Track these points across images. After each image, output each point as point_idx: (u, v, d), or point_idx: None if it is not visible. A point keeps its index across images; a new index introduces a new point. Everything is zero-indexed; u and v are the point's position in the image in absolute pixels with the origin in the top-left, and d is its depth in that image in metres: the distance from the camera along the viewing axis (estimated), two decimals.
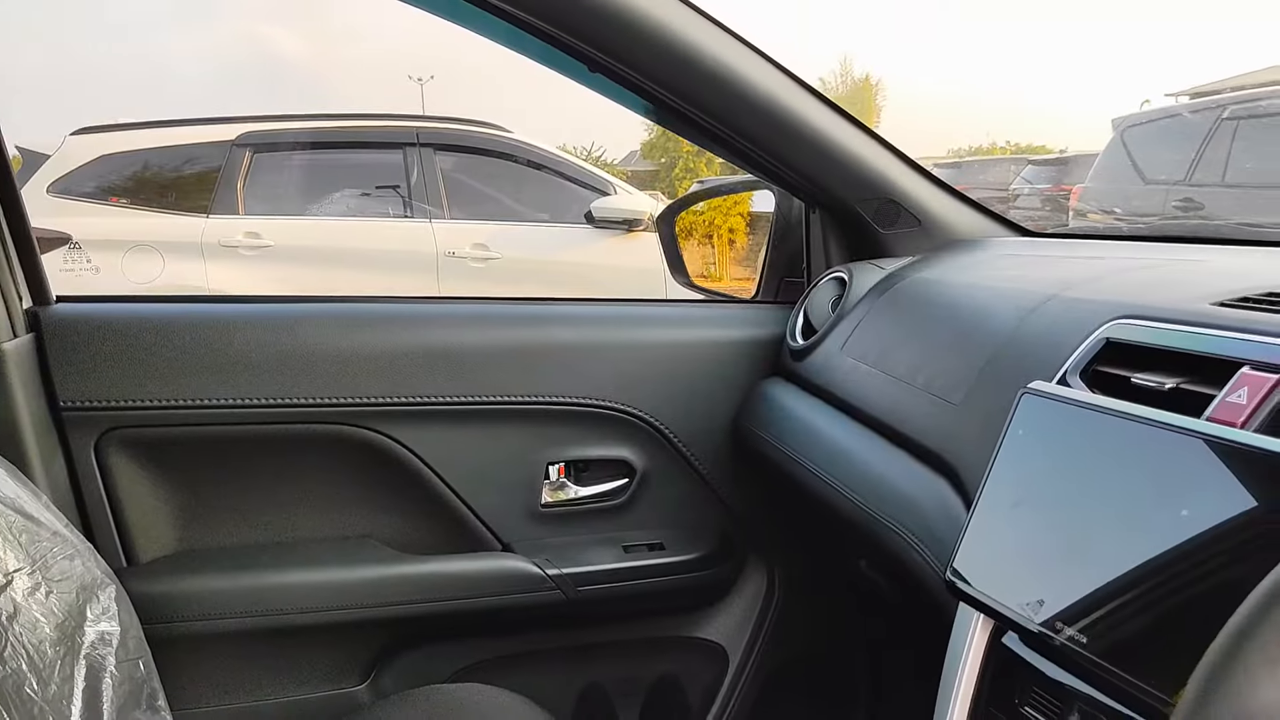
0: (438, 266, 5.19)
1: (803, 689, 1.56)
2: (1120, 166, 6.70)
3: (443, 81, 38.57)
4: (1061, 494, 0.75)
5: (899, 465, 1.04)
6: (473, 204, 5.46)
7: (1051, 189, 10.27)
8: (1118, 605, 0.67)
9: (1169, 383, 0.76)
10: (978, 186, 12.78)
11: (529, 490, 1.39)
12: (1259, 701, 0.44)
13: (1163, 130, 6.63)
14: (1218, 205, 5.73)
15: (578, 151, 19.04)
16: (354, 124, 5.42)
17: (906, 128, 47.04)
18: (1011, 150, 28.20)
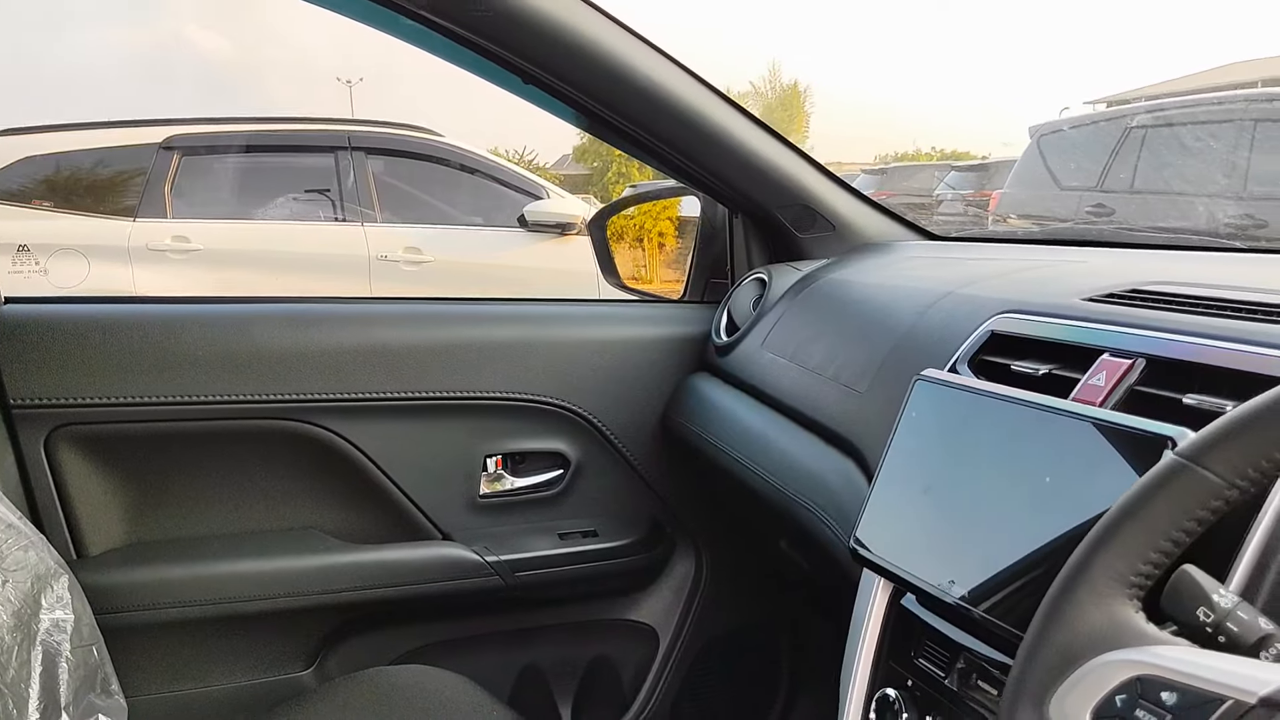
0: (369, 270, 5.19)
1: (729, 665, 1.65)
2: (1036, 173, 6.92)
3: (372, 84, 38.13)
4: (949, 468, 0.85)
5: (811, 449, 1.13)
6: (405, 207, 5.47)
7: (973, 194, 10.51)
8: (995, 563, 0.76)
9: (1042, 369, 0.86)
10: (903, 192, 13.05)
11: (468, 482, 1.46)
12: (1086, 626, 0.54)
13: (1076, 138, 6.86)
14: (1127, 210, 5.96)
15: (510, 155, 19.00)
16: (284, 127, 5.40)
17: (835, 134, 47.77)
18: (936, 156, 28.80)
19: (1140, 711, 0.49)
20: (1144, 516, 0.53)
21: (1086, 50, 69.78)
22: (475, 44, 1.23)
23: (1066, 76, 66.47)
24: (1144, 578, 0.54)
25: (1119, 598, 0.54)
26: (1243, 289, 0.85)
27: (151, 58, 36.40)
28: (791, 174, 1.45)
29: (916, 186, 13.23)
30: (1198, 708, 0.47)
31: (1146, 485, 0.54)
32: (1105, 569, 0.54)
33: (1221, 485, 0.51)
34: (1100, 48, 70.42)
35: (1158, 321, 0.81)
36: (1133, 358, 0.78)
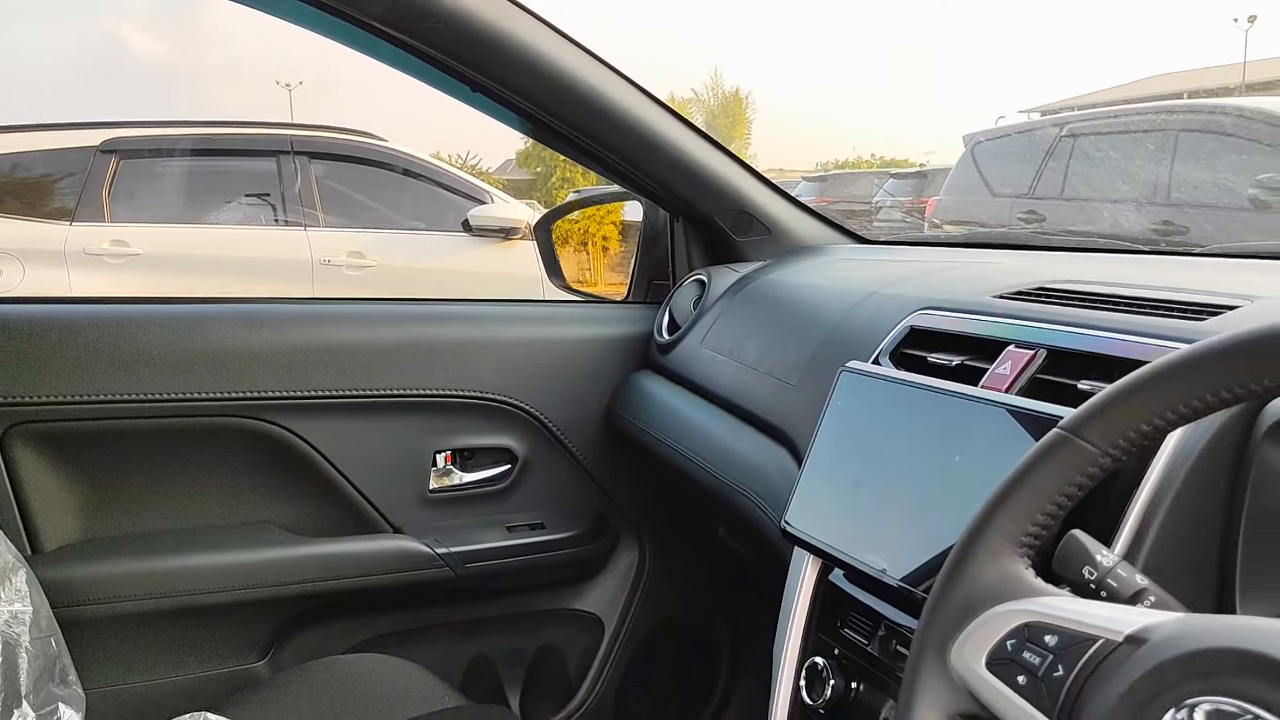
0: (313, 274, 5.18)
1: (672, 651, 1.71)
2: (971, 180, 7.08)
3: (312, 87, 37.68)
4: (871, 452, 0.92)
5: (748, 439, 1.20)
6: (348, 212, 5.46)
7: (911, 201, 10.70)
8: (911, 536, 0.83)
9: (956, 360, 0.93)
10: (844, 199, 13.25)
11: (418, 477, 1.50)
12: (982, 582, 0.61)
13: (1009, 146, 7.04)
14: (1057, 216, 6.13)
15: (453, 160, 18.95)
16: (226, 131, 5.37)
17: (777, 140, 48.27)
18: (876, 164, 29.25)
19: (1027, 654, 0.56)
20: (1031, 483, 0.60)
21: (1025, 60, 71.29)
22: (425, 54, 1.28)
23: (1005, 85, 67.82)
24: (1033, 538, 0.61)
25: (1011, 556, 0.61)
26: (1139, 286, 0.93)
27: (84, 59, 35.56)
28: (730, 180, 1.52)
29: (857, 193, 13.44)
30: (1074, 647, 0.54)
31: (1033, 456, 0.61)
32: (998, 531, 0.61)
33: (1096, 454, 0.58)
34: (1037, 57, 71.98)
35: (1058, 316, 0.89)
36: (1035, 349, 0.86)
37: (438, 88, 1.41)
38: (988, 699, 0.57)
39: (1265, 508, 0.69)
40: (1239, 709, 0.44)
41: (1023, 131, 7.55)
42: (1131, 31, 74.09)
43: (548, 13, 1.32)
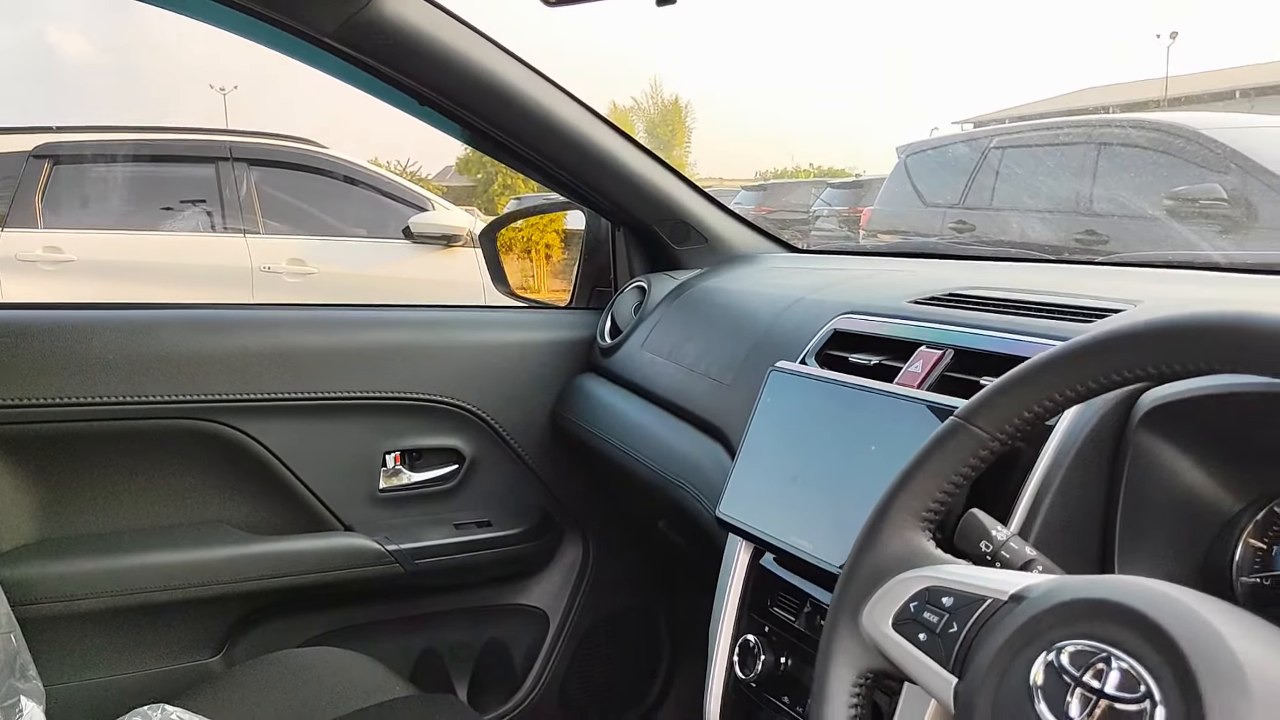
0: (252, 281, 5.15)
1: (614, 643, 1.78)
2: (904, 191, 7.23)
3: (247, 91, 37.14)
4: (798, 444, 1.00)
5: (685, 436, 1.28)
6: (288, 219, 5.44)
7: (848, 210, 10.86)
8: (832, 519, 0.91)
9: (874, 360, 1.02)
10: (782, 209, 13.42)
11: (368, 476, 1.55)
12: (889, 552, 0.69)
13: (940, 157, 7.22)
14: (986, 226, 6.30)
15: (391, 166, 18.86)
16: (164, 137, 5.32)
17: (716, 149, 48.66)
18: (814, 173, 29.63)
19: (927, 614, 0.63)
20: (930, 465, 0.68)
21: (959, 71, 72.76)
22: (374, 69, 1.34)
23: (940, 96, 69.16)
24: (933, 513, 0.69)
25: (914, 529, 0.69)
26: (1041, 293, 1.02)
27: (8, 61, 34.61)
28: (668, 192, 1.60)
29: (795, 202, 13.60)
30: (967, 606, 0.62)
31: (932, 441, 0.69)
32: (903, 507, 0.69)
33: (986, 438, 0.66)
34: (972, 69, 73.50)
35: (966, 319, 0.98)
36: (944, 349, 0.95)
37: (386, 101, 1.46)
38: (893, 655, 0.65)
39: (1139, 487, 0.78)
40: (1095, 649, 0.52)
41: (953, 143, 7.73)
42: (1062, 45, 76.08)
43: (489, 22, 1.38)
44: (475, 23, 1.34)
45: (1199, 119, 4.99)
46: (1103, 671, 0.51)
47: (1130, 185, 5.04)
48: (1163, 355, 0.58)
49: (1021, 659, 0.55)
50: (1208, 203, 4.33)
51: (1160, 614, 0.51)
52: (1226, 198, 4.28)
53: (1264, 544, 0.78)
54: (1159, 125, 5.08)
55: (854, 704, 0.67)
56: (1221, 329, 0.56)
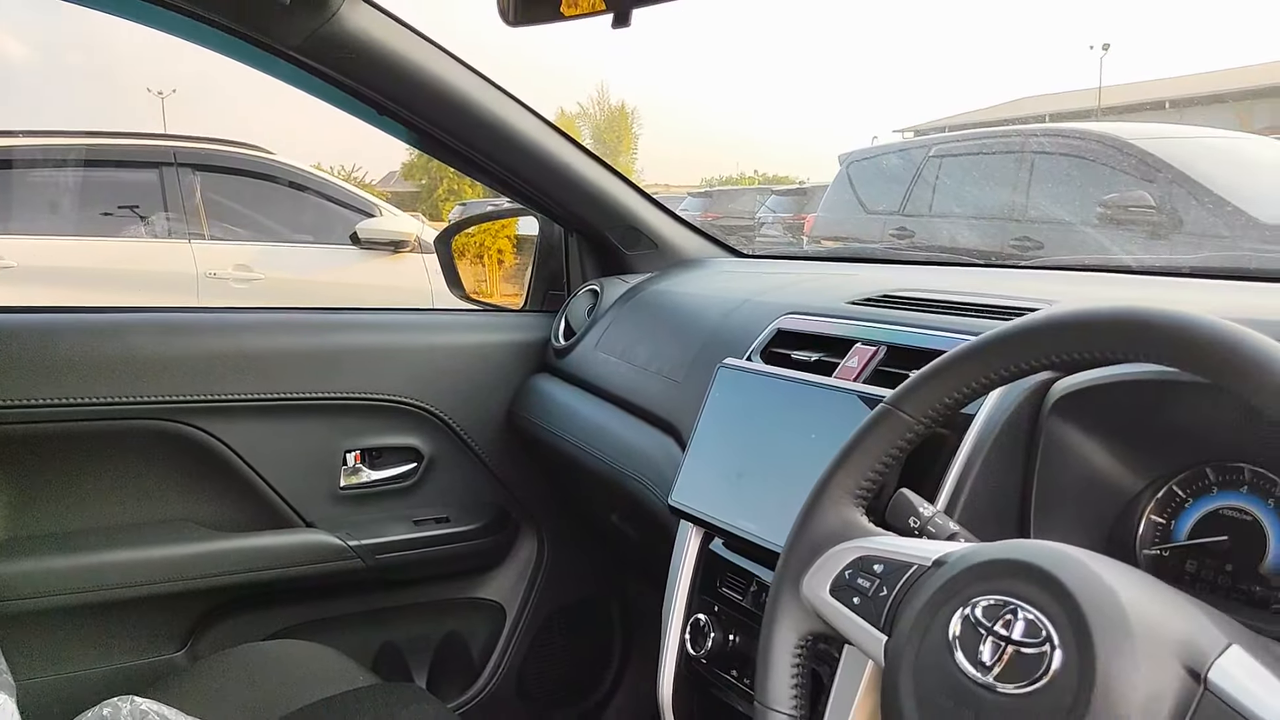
0: (198, 287, 5.12)
1: (569, 634, 1.84)
2: (845, 198, 7.36)
3: (186, 95, 36.54)
4: (744, 435, 1.07)
5: (638, 431, 1.34)
6: (234, 224, 5.41)
7: (792, 217, 11.00)
8: (776, 503, 0.98)
9: (814, 356, 1.09)
10: (727, 215, 13.55)
11: (329, 475, 1.60)
12: (826, 526, 0.76)
13: (880, 166, 7.37)
14: (926, 233, 6.45)
15: (334, 171, 18.74)
16: (105, 142, 5.26)
17: (663, 155, 48.87)
18: (759, 180, 29.95)
19: (860, 580, 0.71)
20: (862, 446, 0.76)
21: (901, 80, 73.83)
22: (336, 80, 1.39)
23: (883, 104, 70.13)
24: (866, 491, 0.76)
25: (849, 505, 0.76)
26: (967, 294, 1.11)
27: None
28: (620, 199, 1.67)
29: (740, 209, 13.74)
30: (895, 572, 0.69)
31: (864, 425, 0.76)
32: (839, 485, 0.76)
33: (912, 421, 0.74)
34: (913, 78, 74.65)
35: (898, 319, 1.06)
36: (877, 346, 1.03)
37: (347, 111, 1.51)
38: (830, 618, 0.72)
39: (1052, 469, 0.86)
40: (1004, 602, 0.59)
41: (893, 152, 7.89)
42: (1001, 55, 77.66)
43: (447, 35, 1.44)
44: (435, 37, 1.40)
45: (1128, 129, 5.17)
46: (1010, 622, 0.58)
47: (1063, 193, 5.18)
48: (1063, 346, 0.66)
49: (942, 615, 0.62)
50: (1137, 209, 4.47)
51: (1059, 570, 0.59)
52: (1154, 205, 4.41)
53: (1163, 519, 0.87)
54: (1090, 135, 5.23)
55: (796, 665, 0.74)
56: (1114, 322, 0.64)
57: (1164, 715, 0.52)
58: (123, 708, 1.20)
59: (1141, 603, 0.56)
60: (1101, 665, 0.54)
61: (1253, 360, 0.56)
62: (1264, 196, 4.08)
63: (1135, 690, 0.53)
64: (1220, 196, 4.19)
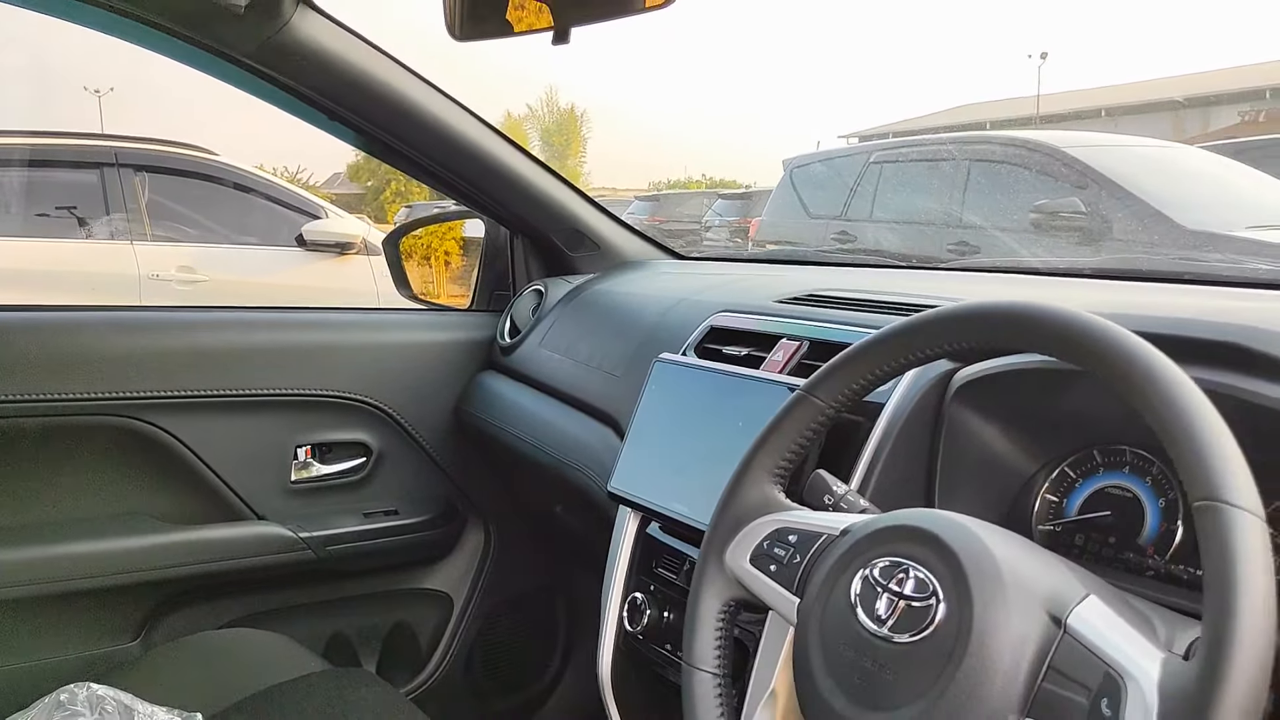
0: (140, 289, 5.08)
1: (515, 623, 1.90)
2: (789, 203, 7.48)
3: (124, 94, 35.85)
4: (678, 424, 1.14)
5: (581, 424, 1.41)
6: (177, 226, 5.38)
7: (738, 221, 11.12)
8: (706, 487, 1.06)
9: (744, 351, 1.17)
10: (674, 219, 13.66)
11: (280, 469, 1.64)
12: (746, 505, 0.83)
13: (823, 171, 7.50)
14: (867, 237, 6.58)
15: (278, 173, 18.52)
16: (45, 142, 5.20)
17: (611, 158, 48.96)
18: (706, 184, 30.17)
19: (777, 549, 0.78)
20: (780, 429, 0.83)
21: (846, 87, 74.69)
22: (288, 87, 1.43)
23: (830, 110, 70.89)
24: (783, 470, 0.84)
25: (768, 483, 0.83)
26: (886, 293, 1.19)
27: None
28: (563, 202, 1.74)
29: (687, 213, 13.84)
30: (807, 541, 0.77)
31: (782, 410, 0.84)
32: (759, 465, 0.84)
33: (823, 406, 0.81)
34: (857, 85, 75.56)
35: (821, 316, 1.14)
36: (801, 341, 1.11)
37: (297, 115, 1.56)
38: (750, 585, 0.79)
39: (954, 452, 0.95)
40: (898, 562, 0.67)
41: (835, 158, 8.03)
42: (945, 63, 79.01)
43: (393, 40, 1.50)
44: (385, 45, 1.46)
45: (1061, 137, 5.33)
46: (903, 580, 0.66)
47: (998, 199, 5.32)
48: (953, 337, 0.74)
49: (845, 576, 0.70)
50: (1068, 215, 4.61)
51: (945, 533, 0.67)
52: (1085, 210, 4.56)
53: (1056, 498, 0.96)
54: (1025, 143, 5.38)
55: (719, 629, 0.82)
56: (996, 316, 0.72)
57: (1029, 655, 0.60)
58: (79, 694, 1.24)
59: (1014, 560, 0.64)
60: (978, 614, 0.61)
61: (1111, 349, 0.64)
62: (1187, 203, 4.24)
63: (1006, 635, 0.61)
64: (1146, 203, 4.35)
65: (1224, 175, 4.57)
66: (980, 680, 0.60)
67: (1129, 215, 4.40)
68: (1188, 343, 0.77)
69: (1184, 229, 4.02)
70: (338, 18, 1.38)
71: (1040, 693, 0.59)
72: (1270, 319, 0.78)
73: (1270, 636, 0.53)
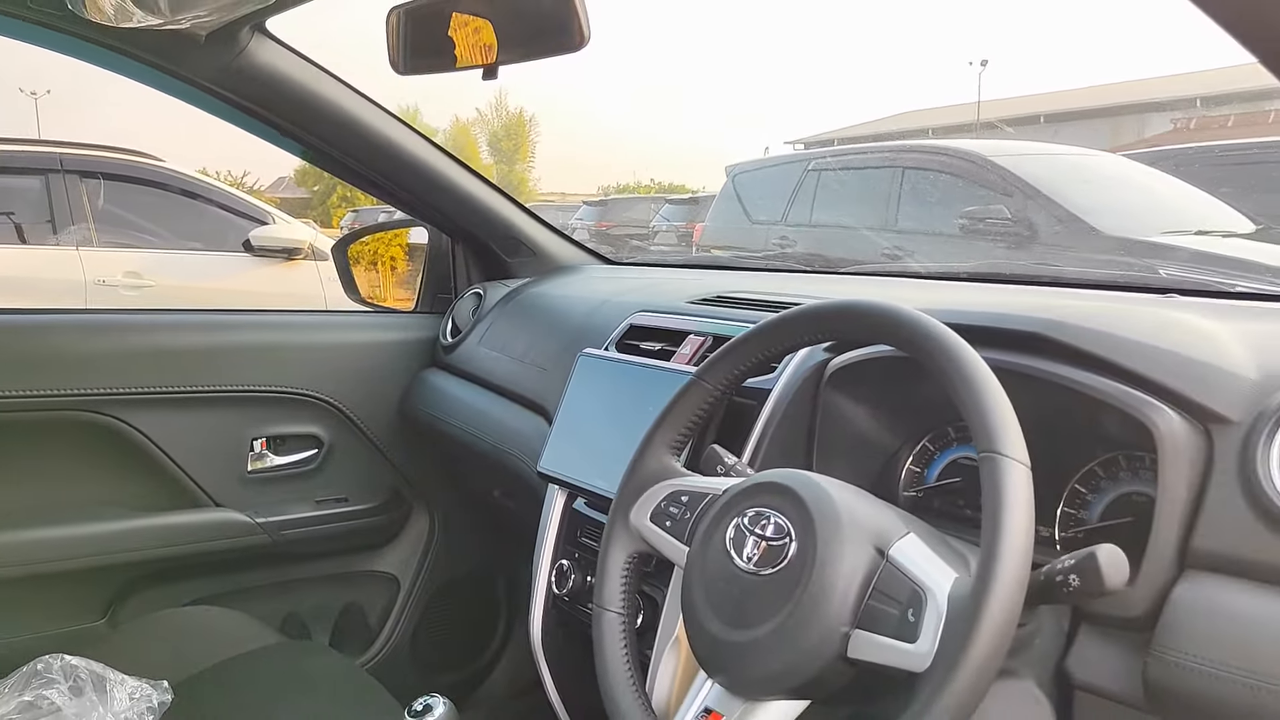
0: (86, 294, 5.10)
1: (459, 602, 2.03)
2: (732, 208, 7.63)
3: (62, 96, 35.20)
4: (600, 410, 1.29)
5: (515, 413, 1.56)
6: (124, 231, 5.40)
7: (684, 225, 11.25)
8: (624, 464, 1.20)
9: (658, 346, 1.33)
10: (622, 223, 13.75)
11: (238, 460, 1.76)
12: (648, 470, 0.98)
13: (764, 178, 7.67)
14: (806, 243, 6.75)
15: (223, 177, 18.35)
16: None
17: (561, 162, 49.04)
18: (654, 189, 30.34)
19: (672, 508, 0.93)
20: (677, 408, 0.98)
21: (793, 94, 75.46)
22: (246, 107, 1.56)
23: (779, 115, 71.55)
24: (679, 443, 0.99)
25: (667, 454, 0.98)
26: (786, 295, 1.35)
27: None
28: (501, 212, 1.88)
29: (635, 217, 13.90)
30: (696, 499, 0.92)
31: (678, 393, 0.99)
32: (659, 439, 0.99)
33: (711, 388, 0.97)
34: (804, 92, 76.37)
35: (724, 315, 1.30)
36: (705, 336, 1.27)
37: (254, 133, 1.68)
38: (650, 538, 0.94)
39: (829, 430, 1.11)
40: (763, 511, 0.82)
41: (775, 165, 8.20)
42: (890, 69, 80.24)
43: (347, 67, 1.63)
44: (335, 70, 1.59)
45: (989, 146, 5.54)
46: (766, 524, 0.81)
47: (930, 206, 5.51)
48: (812, 330, 0.91)
49: (722, 525, 0.85)
50: (995, 222, 4.80)
51: (798, 487, 0.82)
52: (1011, 217, 4.75)
53: (919, 469, 1.12)
54: (955, 152, 5.57)
55: (624, 577, 0.97)
56: (842, 311, 0.88)
57: (859, 580, 0.76)
58: (54, 664, 1.36)
59: (851, 507, 0.80)
60: (820, 550, 0.77)
61: (923, 336, 0.80)
62: (1106, 209, 4.45)
63: (842, 565, 0.76)
64: (1067, 209, 4.55)
65: (1145, 182, 4.75)
66: (821, 600, 0.75)
67: (1051, 221, 4.58)
68: (997, 333, 0.94)
69: (1101, 234, 4.21)
70: (291, 44, 1.52)
71: (866, 608, 0.75)
72: (1075, 315, 0.95)
73: (1027, 557, 0.69)
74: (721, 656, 0.81)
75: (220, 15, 1.26)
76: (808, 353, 1.13)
